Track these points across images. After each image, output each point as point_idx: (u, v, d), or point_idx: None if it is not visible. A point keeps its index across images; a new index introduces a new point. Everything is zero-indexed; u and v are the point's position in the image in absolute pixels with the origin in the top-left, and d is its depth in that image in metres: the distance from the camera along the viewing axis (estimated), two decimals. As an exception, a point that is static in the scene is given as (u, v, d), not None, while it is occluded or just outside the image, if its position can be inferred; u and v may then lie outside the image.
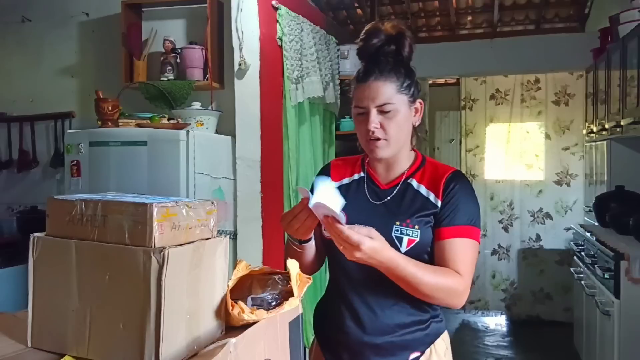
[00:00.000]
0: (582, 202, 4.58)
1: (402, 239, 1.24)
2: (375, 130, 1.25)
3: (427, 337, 1.31)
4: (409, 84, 1.27)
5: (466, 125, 5.15)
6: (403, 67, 1.28)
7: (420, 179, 1.31)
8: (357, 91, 1.28)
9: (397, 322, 1.28)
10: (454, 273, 1.20)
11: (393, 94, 1.24)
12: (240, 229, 2.60)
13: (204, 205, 0.92)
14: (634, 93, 2.64)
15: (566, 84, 4.84)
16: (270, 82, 2.65)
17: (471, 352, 3.97)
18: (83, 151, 2.40)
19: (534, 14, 4.77)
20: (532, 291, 4.86)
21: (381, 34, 1.27)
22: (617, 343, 2.49)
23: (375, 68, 1.26)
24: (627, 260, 2.43)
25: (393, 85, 1.25)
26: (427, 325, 1.31)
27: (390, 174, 1.34)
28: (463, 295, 1.22)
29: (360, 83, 1.28)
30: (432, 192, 1.28)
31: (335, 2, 4.43)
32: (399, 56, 1.28)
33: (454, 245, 1.23)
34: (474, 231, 1.25)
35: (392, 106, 1.24)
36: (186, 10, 2.81)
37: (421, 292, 1.19)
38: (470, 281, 1.23)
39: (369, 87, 1.25)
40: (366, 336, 1.28)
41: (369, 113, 1.25)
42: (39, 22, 3.12)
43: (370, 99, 1.25)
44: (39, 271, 0.91)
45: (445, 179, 1.28)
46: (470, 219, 1.25)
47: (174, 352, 0.82)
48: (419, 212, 1.27)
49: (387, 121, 1.25)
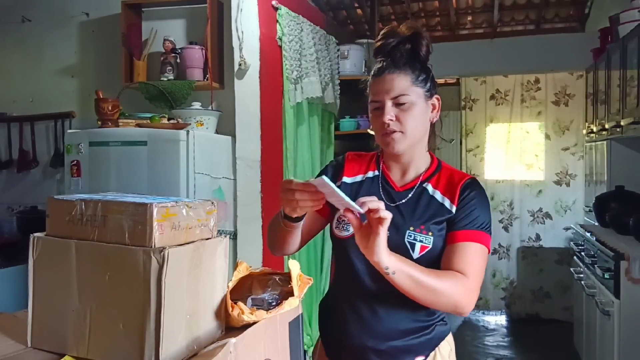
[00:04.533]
0: (582, 202, 4.59)
1: (415, 245, 1.22)
2: (391, 123, 1.22)
3: (432, 341, 1.29)
4: (424, 78, 1.26)
5: (466, 125, 5.16)
6: (418, 62, 1.26)
7: (436, 184, 1.29)
8: (373, 86, 1.27)
9: (402, 328, 1.26)
10: (461, 275, 1.17)
11: (408, 86, 1.23)
12: (240, 229, 2.60)
13: (204, 205, 0.92)
14: (634, 93, 2.64)
15: (566, 84, 4.85)
16: (270, 82, 2.65)
17: (471, 352, 3.96)
18: (83, 151, 2.40)
19: (534, 14, 4.78)
20: (532, 290, 4.87)
21: (398, 34, 1.27)
22: (617, 343, 2.49)
23: (390, 62, 1.25)
24: (627, 260, 2.43)
25: (408, 78, 1.23)
26: (432, 329, 1.29)
27: (405, 176, 1.32)
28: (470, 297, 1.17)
29: (375, 78, 1.27)
30: (448, 197, 1.26)
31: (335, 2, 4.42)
32: (414, 53, 1.27)
33: (464, 249, 1.20)
34: (485, 237, 1.23)
35: (407, 98, 1.22)
36: (186, 10, 2.81)
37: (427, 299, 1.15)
38: (478, 285, 1.19)
39: (383, 80, 1.24)
40: (370, 341, 1.26)
41: (384, 106, 1.23)
42: (39, 22, 3.12)
43: (385, 91, 1.23)
44: (39, 271, 0.91)
45: (462, 185, 1.27)
46: (483, 226, 1.23)
47: (174, 352, 0.82)
48: (434, 218, 1.24)
49: (402, 113, 1.23)
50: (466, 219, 1.23)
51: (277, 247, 1.32)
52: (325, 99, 3.19)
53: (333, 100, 3.35)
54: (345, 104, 3.63)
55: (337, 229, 1.30)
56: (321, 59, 3.15)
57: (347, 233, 1.27)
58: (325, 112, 3.40)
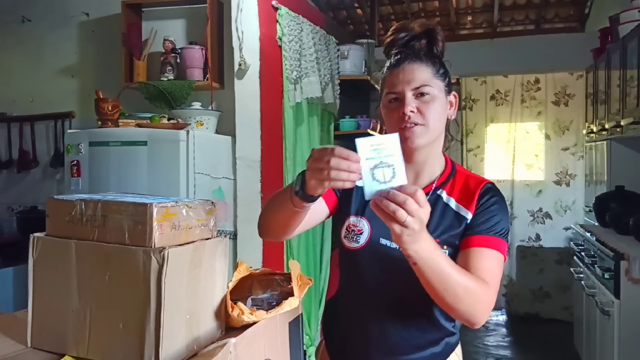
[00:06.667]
0: (582, 202, 4.60)
1: None
2: (412, 115, 1.11)
3: (440, 356, 1.24)
4: (444, 72, 1.18)
5: (466, 125, 5.16)
6: (436, 57, 1.19)
7: (450, 191, 1.19)
8: (390, 78, 1.16)
9: (411, 343, 1.20)
10: (482, 281, 1.05)
11: (430, 78, 1.14)
12: (240, 229, 2.60)
13: (204, 205, 0.92)
14: (634, 93, 2.64)
15: (566, 84, 4.85)
16: (270, 82, 2.65)
17: (471, 352, 3.96)
18: (83, 151, 2.40)
19: (534, 14, 4.78)
20: (532, 290, 4.88)
21: (410, 30, 1.20)
22: (617, 343, 2.49)
23: (409, 52, 1.17)
24: (627, 260, 2.43)
25: (429, 70, 1.15)
26: (440, 343, 1.23)
27: (418, 181, 1.21)
28: (489, 306, 1.06)
29: (392, 69, 1.16)
30: (463, 205, 1.17)
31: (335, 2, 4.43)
32: (431, 48, 1.20)
33: (482, 254, 1.10)
34: (503, 245, 1.13)
35: (429, 89, 1.13)
36: (186, 10, 2.81)
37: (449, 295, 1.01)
38: (495, 296, 1.08)
39: (403, 70, 1.14)
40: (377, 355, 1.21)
41: (405, 97, 1.12)
42: (39, 22, 3.12)
43: (406, 81, 1.13)
44: (39, 271, 0.91)
45: (481, 190, 1.18)
46: (501, 233, 1.14)
47: (174, 352, 0.82)
48: (450, 230, 1.15)
49: (424, 105, 1.12)
50: (485, 224, 1.14)
51: (273, 229, 1.18)
52: (325, 99, 3.19)
53: (333, 101, 3.34)
54: (345, 104, 3.63)
55: (347, 239, 1.21)
56: (321, 59, 3.15)
57: (357, 245, 1.19)
58: (325, 112, 3.39)
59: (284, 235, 1.18)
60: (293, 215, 1.08)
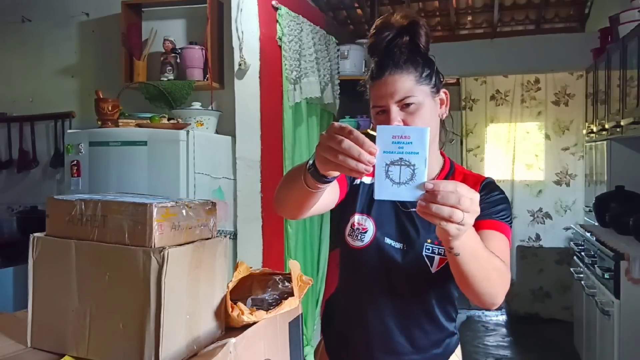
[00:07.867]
0: (582, 202, 4.60)
1: (434, 259, 1.14)
2: None
3: (441, 357, 1.24)
4: (429, 74, 1.13)
5: (466, 125, 5.17)
6: (420, 56, 1.14)
7: None
8: (373, 89, 1.14)
9: (412, 344, 1.21)
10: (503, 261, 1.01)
11: (412, 86, 1.10)
12: (240, 229, 2.60)
13: (204, 205, 0.92)
14: (634, 93, 2.64)
15: (566, 84, 4.86)
16: (270, 82, 2.65)
17: (471, 351, 3.96)
18: (83, 151, 2.40)
19: (534, 14, 4.78)
20: (532, 289, 4.87)
21: (392, 26, 1.14)
22: (617, 343, 2.49)
23: (389, 61, 1.12)
24: (627, 260, 2.43)
25: (411, 77, 1.11)
26: (442, 344, 1.24)
27: None
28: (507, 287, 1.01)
29: (375, 80, 1.13)
30: None
31: (335, 2, 4.42)
32: (414, 46, 1.14)
33: (492, 236, 1.07)
34: (508, 230, 1.12)
35: (413, 99, 1.10)
36: (186, 10, 2.81)
37: (485, 280, 0.95)
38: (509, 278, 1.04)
39: (385, 83, 1.11)
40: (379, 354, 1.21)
41: (389, 111, 1.10)
42: (39, 22, 3.12)
43: (389, 95, 1.10)
44: (39, 271, 0.91)
45: (482, 184, 1.18)
46: (507, 219, 1.13)
47: (174, 352, 0.82)
48: None
49: (410, 117, 1.10)
50: (490, 210, 1.11)
51: (286, 206, 1.11)
52: (324, 99, 3.19)
53: (332, 101, 3.34)
54: (345, 104, 3.63)
55: (351, 237, 1.20)
56: (321, 59, 3.15)
57: (361, 243, 1.19)
58: (324, 112, 3.39)
59: (297, 214, 1.12)
60: (308, 196, 1.01)
